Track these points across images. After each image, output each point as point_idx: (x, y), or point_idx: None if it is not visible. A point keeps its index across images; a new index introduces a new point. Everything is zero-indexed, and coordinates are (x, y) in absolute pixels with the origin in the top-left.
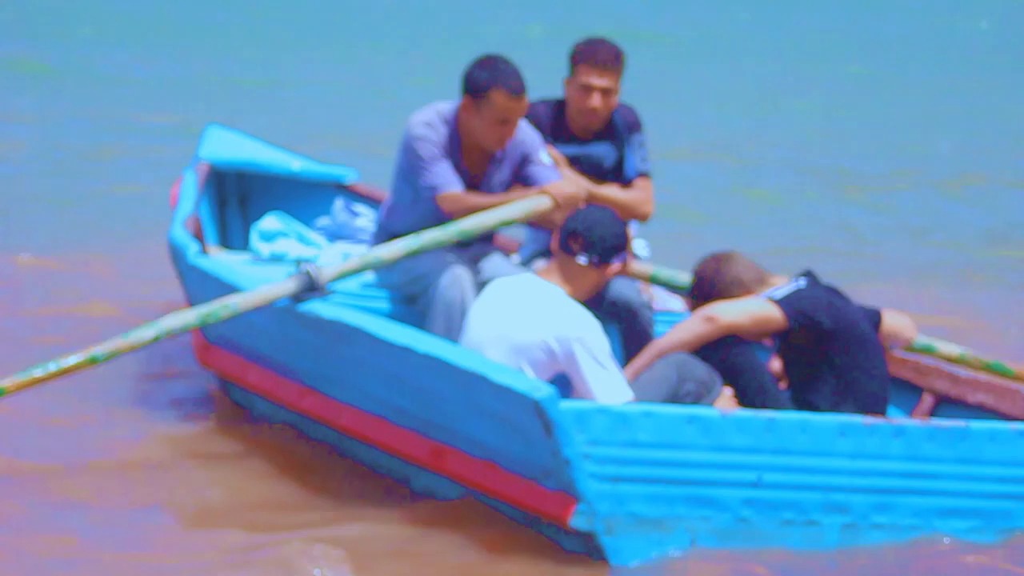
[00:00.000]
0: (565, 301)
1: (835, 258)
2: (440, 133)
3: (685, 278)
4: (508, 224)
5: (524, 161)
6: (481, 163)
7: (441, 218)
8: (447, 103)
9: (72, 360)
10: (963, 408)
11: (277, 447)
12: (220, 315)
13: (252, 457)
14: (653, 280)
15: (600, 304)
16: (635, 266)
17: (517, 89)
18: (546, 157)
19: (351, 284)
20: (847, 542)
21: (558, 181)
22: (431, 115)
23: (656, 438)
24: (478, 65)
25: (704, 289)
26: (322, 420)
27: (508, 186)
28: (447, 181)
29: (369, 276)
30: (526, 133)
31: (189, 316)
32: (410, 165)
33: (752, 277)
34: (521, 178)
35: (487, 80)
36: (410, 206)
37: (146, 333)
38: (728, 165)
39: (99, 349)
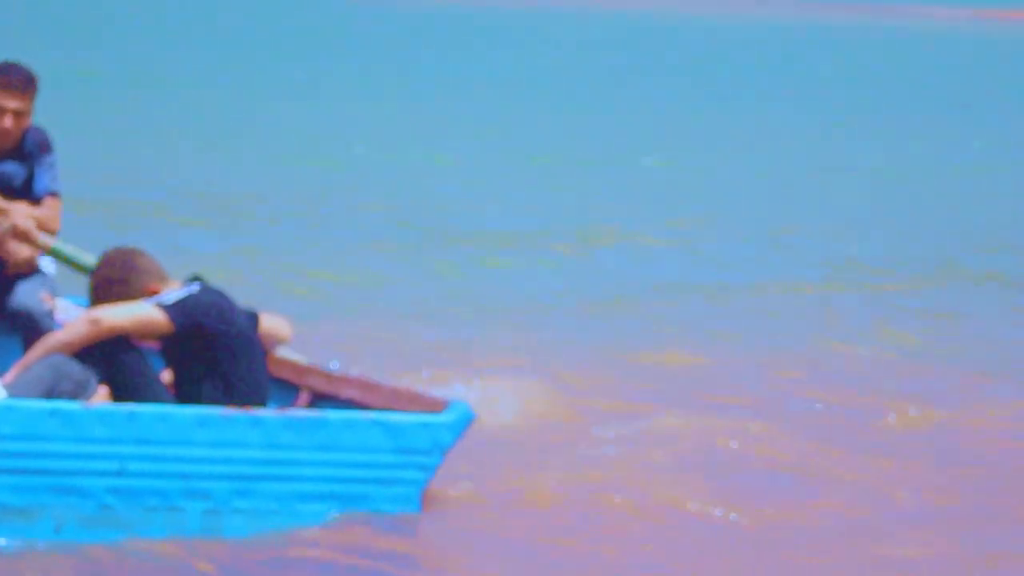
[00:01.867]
0: None
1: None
2: None
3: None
4: None
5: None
6: None
7: None
8: None
9: None
10: (337, 403)
11: None
12: None
13: None
14: (55, 254)
15: (2, 313)
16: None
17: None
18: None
19: None
20: (209, 527)
21: None
22: None
23: (18, 430)
24: None
25: (110, 280)
26: None
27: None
28: None
29: None
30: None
31: None
32: None
33: (155, 271)
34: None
35: None
36: None
37: None
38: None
39: None
